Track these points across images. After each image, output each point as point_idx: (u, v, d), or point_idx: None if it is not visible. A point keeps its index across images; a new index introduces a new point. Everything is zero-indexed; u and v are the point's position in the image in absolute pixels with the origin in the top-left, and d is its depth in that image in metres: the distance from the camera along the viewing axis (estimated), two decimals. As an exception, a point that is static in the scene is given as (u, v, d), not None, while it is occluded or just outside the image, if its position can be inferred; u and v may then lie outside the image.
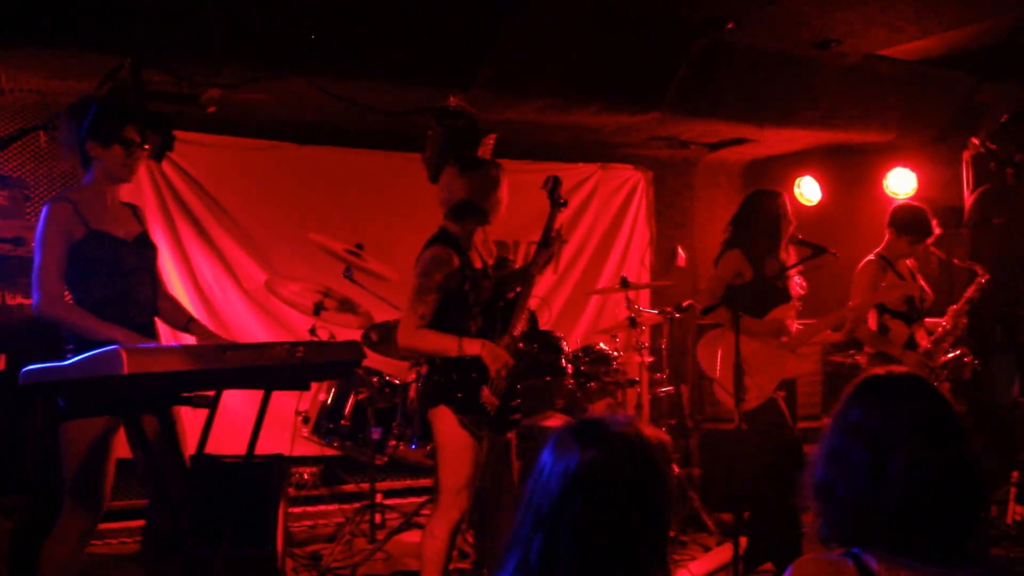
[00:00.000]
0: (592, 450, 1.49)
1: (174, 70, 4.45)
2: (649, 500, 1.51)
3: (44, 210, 3.19)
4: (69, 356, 3.05)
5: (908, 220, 4.82)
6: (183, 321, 3.49)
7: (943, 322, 4.88)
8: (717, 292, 4.27)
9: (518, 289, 3.68)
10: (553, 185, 3.75)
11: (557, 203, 3.73)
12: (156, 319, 3.40)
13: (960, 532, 1.57)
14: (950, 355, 4.85)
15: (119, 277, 3.22)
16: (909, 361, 4.67)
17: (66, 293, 3.19)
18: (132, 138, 3.25)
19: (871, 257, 4.84)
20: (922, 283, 4.93)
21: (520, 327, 3.60)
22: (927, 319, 4.88)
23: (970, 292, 4.94)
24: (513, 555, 1.52)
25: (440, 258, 3.45)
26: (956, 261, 5.11)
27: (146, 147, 3.31)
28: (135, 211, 3.46)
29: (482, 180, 3.55)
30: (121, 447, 3.27)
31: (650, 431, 1.55)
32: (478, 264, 3.60)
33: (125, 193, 3.46)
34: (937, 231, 4.87)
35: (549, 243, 3.70)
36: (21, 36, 4.05)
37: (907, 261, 4.94)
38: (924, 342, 4.79)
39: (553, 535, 1.48)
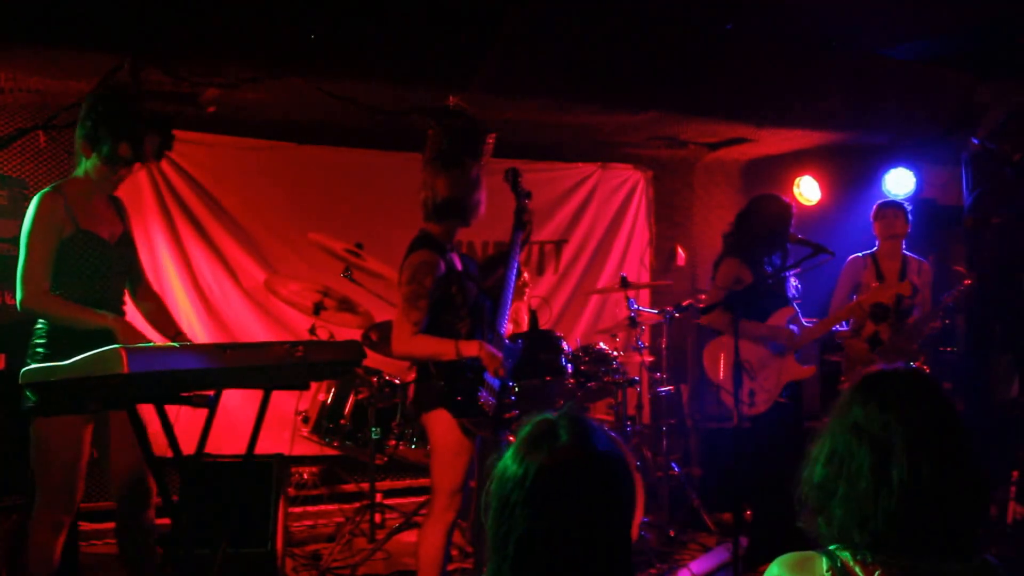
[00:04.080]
0: (551, 455, 1.45)
1: (174, 70, 4.45)
2: (611, 500, 1.47)
3: (35, 201, 3.12)
4: (39, 352, 3.10)
5: (876, 209, 5.12)
6: (171, 334, 3.45)
7: (912, 320, 4.97)
8: (717, 300, 4.31)
9: (499, 273, 3.69)
10: (513, 177, 3.77)
11: (520, 194, 3.75)
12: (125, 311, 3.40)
13: (962, 532, 1.56)
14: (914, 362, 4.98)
15: (100, 280, 3.22)
16: (850, 349, 4.88)
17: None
18: (121, 155, 3.17)
19: (856, 255, 4.99)
20: (911, 284, 5.04)
21: (507, 327, 3.60)
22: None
23: (950, 298, 5.01)
24: (491, 561, 1.51)
25: (429, 263, 3.41)
26: (955, 267, 5.17)
27: (135, 165, 3.21)
28: (119, 208, 3.40)
29: (464, 179, 3.52)
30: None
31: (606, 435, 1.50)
32: (460, 266, 3.59)
33: (122, 191, 3.43)
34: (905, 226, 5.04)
35: (523, 229, 3.73)
36: (21, 36, 4.05)
37: (902, 256, 5.06)
38: (893, 341, 4.90)
39: (520, 541, 1.44)
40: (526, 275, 5.04)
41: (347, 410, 4.70)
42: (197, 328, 5.48)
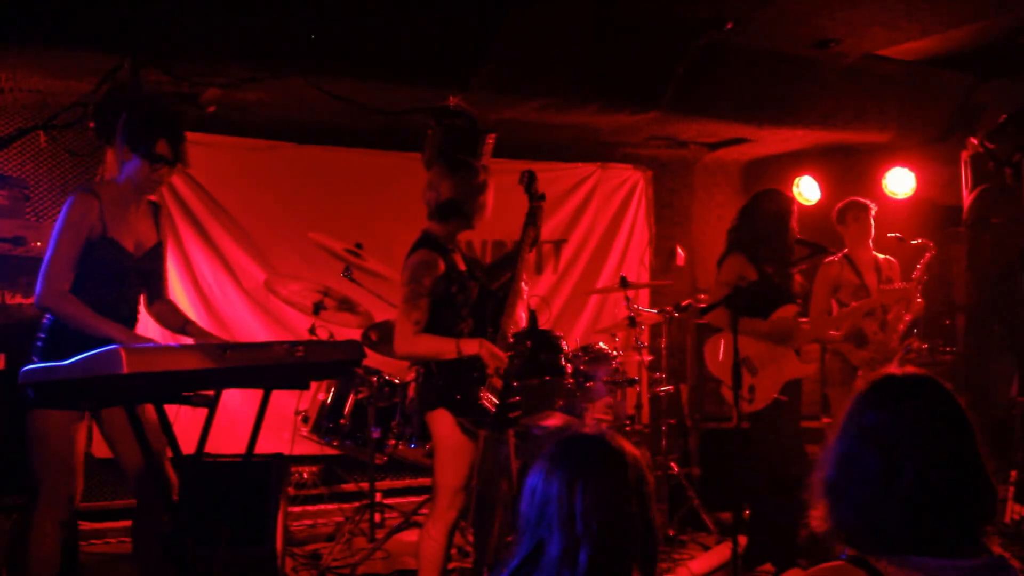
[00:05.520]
0: (578, 471, 1.63)
1: (174, 70, 4.45)
2: (639, 508, 1.64)
3: (70, 199, 3.14)
4: (39, 346, 3.12)
5: (847, 210, 5.08)
6: (180, 323, 3.46)
7: (893, 308, 4.95)
8: (720, 297, 4.30)
9: (507, 276, 3.69)
10: (529, 180, 3.79)
11: (534, 197, 3.77)
12: (139, 318, 3.42)
13: (970, 531, 1.57)
14: (912, 348, 4.95)
15: (116, 288, 3.22)
16: (851, 355, 4.86)
17: None
18: (161, 154, 3.16)
19: (834, 258, 4.96)
20: (889, 280, 5.03)
21: (512, 326, 3.61)
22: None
23: (919, 272, 4.96)
24: (512, 563, 1.57)
25: (427, 262, 3.44)
26: (911, 241, 5.09)
27: (177, 164, 3.23)
28: (156, 215, 3.40)
29: (469, 182, 3.55)
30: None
31: (625, 445, 1.69)
32: (462, 266, 3.60)
33: None
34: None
35: (534, 232, 3.74)
36: (21, 36, 4.05)
37: (873, 257, 5.03)
38: (876, 336, 4.88)
39: (550, 549, 1.59)
40: (524, 275, 5.04)
41: (347, 410, 4.70)
42: (197, 328, 5.49)
